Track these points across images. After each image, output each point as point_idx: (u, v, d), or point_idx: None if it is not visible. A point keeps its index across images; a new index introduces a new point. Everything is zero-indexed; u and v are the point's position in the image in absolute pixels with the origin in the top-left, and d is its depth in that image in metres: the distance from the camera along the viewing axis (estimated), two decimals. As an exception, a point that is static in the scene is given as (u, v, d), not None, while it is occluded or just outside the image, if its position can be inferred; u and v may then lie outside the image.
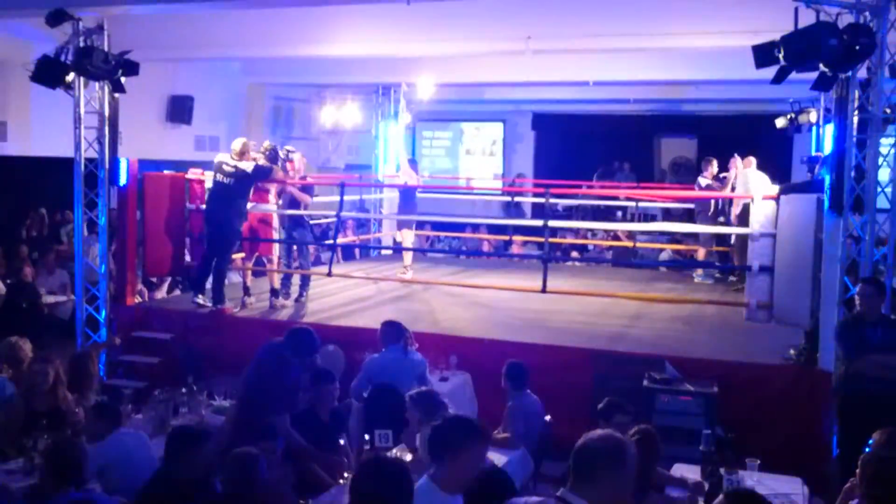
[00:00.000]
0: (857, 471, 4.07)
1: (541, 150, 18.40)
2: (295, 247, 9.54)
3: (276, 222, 9.38)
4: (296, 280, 9.54)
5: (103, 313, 8.65)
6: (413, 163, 11.92)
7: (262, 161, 8.88)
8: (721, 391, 6.39)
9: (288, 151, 9.31)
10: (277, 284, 9.24)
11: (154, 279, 10.55)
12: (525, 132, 18.59)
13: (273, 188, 9.34)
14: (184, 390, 6.18)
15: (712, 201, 11.15)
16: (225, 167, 8.65)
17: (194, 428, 4.85)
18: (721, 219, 11.11)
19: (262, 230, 9.24)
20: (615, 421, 4.97)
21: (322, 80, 14.32)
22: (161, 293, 10.75)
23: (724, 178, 11.36)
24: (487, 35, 9.74)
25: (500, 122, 18.62)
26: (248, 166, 8.60)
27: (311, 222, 9.97)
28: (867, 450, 4.39)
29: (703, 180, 11.48)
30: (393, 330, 6.58)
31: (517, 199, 15.04)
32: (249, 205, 9.10)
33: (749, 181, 10.20)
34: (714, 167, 11.44)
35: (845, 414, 5.88)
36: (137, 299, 9.52)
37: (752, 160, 10.76)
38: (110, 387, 7.29)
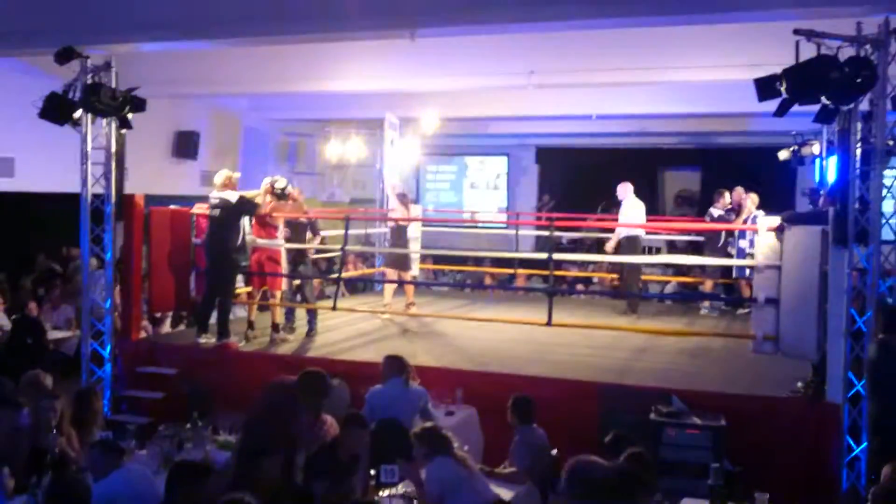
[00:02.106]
0: (868, 504, 4.03)
1: (545, 183, 18.46)
2: (299, 281, 9.54)
3: (283, 260, 9.38)
4: (303, 314, 9.55)
5: (108, 348, 8.64)
6: (403, 196, 11.26)
7: (261, 196, 8.98)
8: (729, 424, 6.34)
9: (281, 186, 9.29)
10: (279, 320, 9.24)
11: (158, 314, 10.55)
12: (529, 166, 18.66)
13: (281, 223, 9.41)
14: (188, 425, 6.15)
15: (722, 233, 11.20)
16: (212, 200, 8.81)
17: (196, 463, 4.82)
18: (730, 249, 11.19)
19: (268, 266, 9.24)
20: (622, 455, 4.93)
21: (326, 115, 14.42)
22: (165, 328, 10.75)
23: (732, 210, 11.43)
24: (491, 70, 9.82)
25: (504, 156, 18.70)
26: (231, 196, 8.70)
27: (316, 256, 9.98)
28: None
29: (714, 211, 11.53)
30: (394, 364, 6.58)
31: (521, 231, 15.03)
32: (259, 241, 9.15)
33: (629, 207, 11.20)
34: (726, 199, 11.50)
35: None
36: (142, 334, 9.52)
37: (630, 186, 11.36)
38: (115, 422, 7.25)
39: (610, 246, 11.28)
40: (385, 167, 13.67)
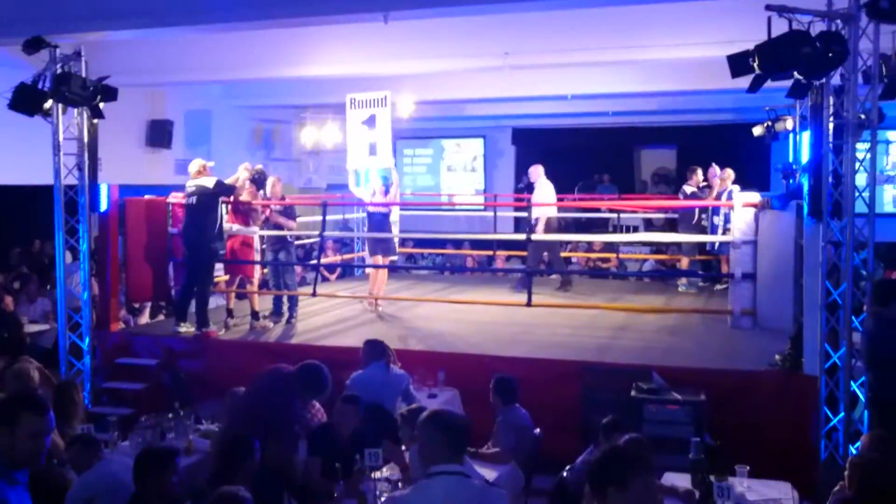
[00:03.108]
0: (846, 473, 4.10)
1: (521, 164, 18.44)
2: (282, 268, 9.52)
3: (256, 244, 9.39)
4: (284, 301, 9.53)
5: (87, 340, 8.58)
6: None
7: (240, 182, 8.95)
8: (708, 399, 6.41)
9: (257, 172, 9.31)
10: (258, 307, 9.22)
11: (137, 304, 10.49)
12: (505, 147, 18.65)
13: (259, 216, 9.40)
14: (170, 416, 6.14)
15: (696, 210, 11.27)
16: (188, 189, 8.79)
17: (161, 448, 4.80)
18: (704, 222, 11.26)
19: (242, 252, 9.24)
20: (613, 440, 4.96)
21: (302, 100, 14.33)
22: (144, 318, 10.69)
23: (706, 187, 11.50)
24: (466, 52, 9.78)
25: (481, 138, 18.69)
26: (208, 182, 8.66)
27: (297, 242, 9.95)
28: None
29: (688, 188, 11.59)
30: (374, 348, 6.59)
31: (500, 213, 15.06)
32: (234, 227, 9.14)
33: (540, 189, 11.24)
34: (699, 176, 11.58)
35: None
36: (121, 325, 9.46)
37: (541, 168, 11.45)
38: (96, 414, 7.22)
39: (540, 229, 10.95)
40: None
